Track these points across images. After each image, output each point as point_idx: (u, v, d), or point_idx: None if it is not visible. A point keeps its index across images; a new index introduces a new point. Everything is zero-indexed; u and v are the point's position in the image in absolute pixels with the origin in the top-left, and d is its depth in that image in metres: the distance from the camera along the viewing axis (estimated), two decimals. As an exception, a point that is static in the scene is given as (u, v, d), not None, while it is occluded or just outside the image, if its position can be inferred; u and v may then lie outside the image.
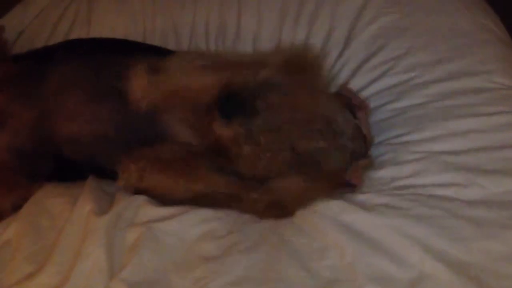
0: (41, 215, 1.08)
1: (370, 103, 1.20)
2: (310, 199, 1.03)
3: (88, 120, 1.13)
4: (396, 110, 1.22)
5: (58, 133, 1.14)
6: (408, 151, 1.10)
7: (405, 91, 1.24)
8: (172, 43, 1.54)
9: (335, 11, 1.44)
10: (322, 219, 0.99)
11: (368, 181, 1.08)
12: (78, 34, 1.60)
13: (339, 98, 1.16)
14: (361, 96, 1.22)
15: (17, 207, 1.13)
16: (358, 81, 1.30)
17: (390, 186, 1.05)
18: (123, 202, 1.05)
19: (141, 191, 1.08)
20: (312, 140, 1.04)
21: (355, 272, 0.90)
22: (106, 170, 1.12)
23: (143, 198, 1.06)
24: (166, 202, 1.06)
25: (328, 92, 1.20)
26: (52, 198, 1.12)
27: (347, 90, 1.18)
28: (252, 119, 1.02)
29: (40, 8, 1.69)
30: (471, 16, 1.34)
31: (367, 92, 1.27)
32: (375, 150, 1.15)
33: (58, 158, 1.15)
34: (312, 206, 1.02)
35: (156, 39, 1.55)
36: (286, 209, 1.04)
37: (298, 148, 1.03)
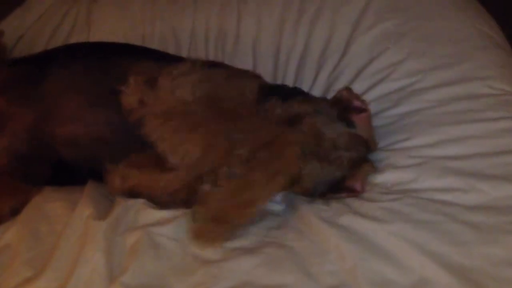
0: (40, 219, 1.08)
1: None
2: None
3: (87, 123, 1.13)
4: (395, 116, 1.22)
5: (57, 136, 1.14)
6: (408, 156, 1.11)
7: (404, 96, 1.24)
8: (171, 48, 1.54)
9: (335, 16, 1.45)
10: (323, 224, 0.99)
11: (369, 186, 1.08)
12: (77, 38, 1.60)
13: (335, 105, 1.16)
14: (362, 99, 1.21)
15: (15, 212, 1.12)
16: (358, 86, 1.30)
17: (391, 191, 1.05)
18: (122, 207, 1.05)
19: (126, 192, 1.08)
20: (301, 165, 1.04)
21: (356, 277, 0.90)
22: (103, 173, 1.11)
23: (142, 202, 1.06)
24: (155, 201, 1.07)
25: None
26: (51, 203, 1.11)
27: (348, 93, 1.17)
28: None
29: (39, 13, 1.70)
30: (470, 23, 1.34)
31: (366, 97, 1.25)
32: (375, 156, 1.15)
33: (57, 161, 1.15)
34: (314, 212, 1.02)
35: (156, 43, 1.55)
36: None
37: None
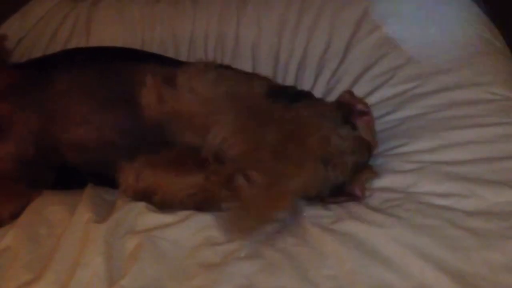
0: (39, 223, 1.07)
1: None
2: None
3: (94, 127, 1.13)
4: (395, 120, 1.22)
5: (62, 140, 1.13)
6: (408, 161, 1.11)
7: (404, 101, 1.24)
8: (171, 51, 1.54)
9: (334, 21, 1.45)
10: (322, 228, 0.99)
11: (368, 191, 1.08)
12: (77, 42, 1.60)
13: (339, 108, 1.16)
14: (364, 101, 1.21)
15: (15, 215, 1.12)
16: (357, 91, 1.29)
17: (390, 196, 1.05)
18: (122, 210, 1.05)
19: (140, 192, 1.08)
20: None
21: (355, 282, 0.90)
22: (109, 177, 1.11)
23: (142, 205, 1.06)
24: (167, 203, 1.07)
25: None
26: (51, 206, 1.11)
27: (350, 96, 1.17)
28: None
29: (39, 16, 1.70)
30: (470, 28, 1.35)
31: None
32: (374, 161, 1.15)
33: (61, 166, 1.15)
34: (314, 216, 1.02)
35: (155, 47, 1.55)
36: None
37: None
